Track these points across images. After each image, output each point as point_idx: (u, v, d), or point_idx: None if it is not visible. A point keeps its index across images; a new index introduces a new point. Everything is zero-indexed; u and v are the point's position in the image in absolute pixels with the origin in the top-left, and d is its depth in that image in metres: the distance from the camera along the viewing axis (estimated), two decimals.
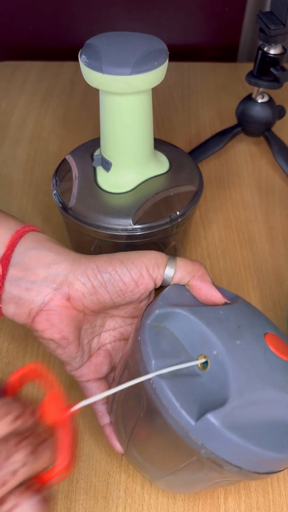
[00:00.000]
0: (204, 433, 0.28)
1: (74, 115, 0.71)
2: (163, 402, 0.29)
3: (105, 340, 0.38)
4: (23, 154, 0.65)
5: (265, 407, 0.30)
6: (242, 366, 0.30)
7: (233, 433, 0.28)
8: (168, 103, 0.73)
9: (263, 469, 0.31)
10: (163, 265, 0.34)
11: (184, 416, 0.28)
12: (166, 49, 0.39)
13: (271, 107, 0.59)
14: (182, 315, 0.32)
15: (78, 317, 0.34)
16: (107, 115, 0.41)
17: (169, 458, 0.32)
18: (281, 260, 0.54)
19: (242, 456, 0.29)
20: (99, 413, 0.38)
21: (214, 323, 0.32)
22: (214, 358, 0.30)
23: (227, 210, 0.59)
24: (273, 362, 0.32)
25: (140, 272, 0.33)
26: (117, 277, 0.33)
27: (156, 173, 0.45)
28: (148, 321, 0.32)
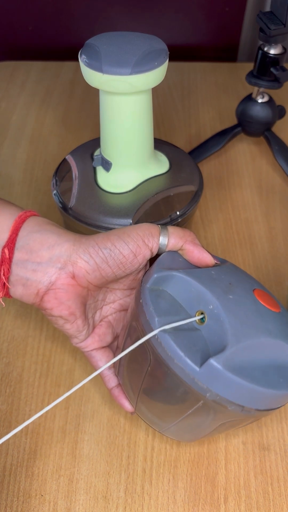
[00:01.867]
0: (208, 377, 0.31)
1: (74, 115, 0.70)
2: (169, 354, 0.32)
3: (107, 312, 0.41)
4: (23, 154, 0.65)
5: (260, 351, 0.33)
6: (237, 316, 0.33)
7: (234, 374, 0.31)
8: (168, 103, 0.73)
9: (263, 406, 0.33)
10: (157, 234, 0.37)
11: (189, 363, 0.31)
12: (166, 49, 0.39)
13: (271, 107, 0.59)
14: (178, 277, 0.35)
15: (83, 293, 0.37)
16: (107, 115, 0.41)
17: (176, 407, 0.35)
18: (281, 260, 0.54)
19: (243, 395, 0.32)
20: (106, 377, 0.40)
21: (208, 282, 0.34)
22: (211, 312, 0.33)
23: (227, 210, 0.59)
24: (263, 313, 0.34)
25: (137, 244, 0.36)
26: (116, 251, 0.36)
27: (156, 173, 0.45)
28: (148, 285, 0.35)
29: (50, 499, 0.38)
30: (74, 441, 0.41)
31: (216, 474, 0.39)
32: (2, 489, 0.38)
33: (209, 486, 0.39)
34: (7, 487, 0.38)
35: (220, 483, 0.39)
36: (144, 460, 0.40)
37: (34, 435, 0.41)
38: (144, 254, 0.36)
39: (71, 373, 0.45)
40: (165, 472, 0.39)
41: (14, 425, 0.41)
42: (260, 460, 0.40)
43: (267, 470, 0.39)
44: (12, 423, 0.41)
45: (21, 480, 0.39)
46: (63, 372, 0.45)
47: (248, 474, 0.39)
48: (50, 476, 0.39)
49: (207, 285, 0.34)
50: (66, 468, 0.39)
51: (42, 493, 0.38)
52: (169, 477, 0.39)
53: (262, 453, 0.40)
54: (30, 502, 0.38)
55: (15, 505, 0.37)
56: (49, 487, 0.38)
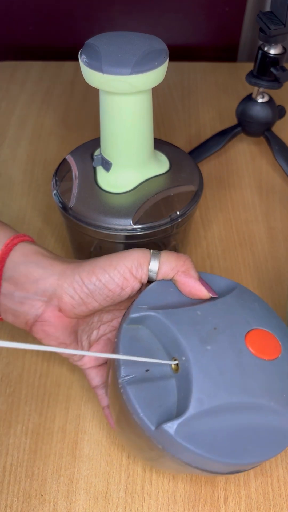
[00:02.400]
0: (163, 440, 0.30)
1: (74, 115, 0.70)
2: (128, 408, 0.30)
3: (105, 331, 0.40)
4: (23, 154, 0.65)
5: (230, 414, 0.30)
6: (207, 374, 0.30)
7: (188, 443, 0.29)
8: (168, 103, 0.73)
9: (226, 470, 0.32)
10: (146, 263, 0.34)
11: (145, 422, 0.30)
12: (166, 49, 0.39)
13: (271, 107, 0.59)
14: (156, 318, 0.32)
15: (72, 323, 0.36)
16: (107, 115, 0.41)
17: (144, 451, 0.34)
18: (281, 260, 0.54)
19: (200, 461, 0.30)
20: (99, 396, 0.40)
21: (187, 327, 0.32)
22: (182, 364, 0.31)
23: (227, 210, 0.59)
24: (246, 365, 0.31)
25: (123, 276, 0.34)
26: (101, 286, 0.34)
27: (156, 173, 0.45)
28: (124, 324, 0.33)
29: (50, 499, 0.38)
30: (74, 441, 0.41)
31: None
32: (2, 489, 0.38)
33: (209, 486, 0.39)
34: (7, 487, 0.38)
35: (220, 483, 0.39)
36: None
37: (34, 435, 0.41)
38: (133, 286, 0.34)
39: (71, 373, 0.45)
40: (165, 472, 0.39)
41: (14, 425, 0.41)
42: None
43: (267, 470, 0.39)
44: (12, 423, 0.41)
45: (21, 480, 0.39)
46: (63, 372, 0.45)
47: (248, 474, 0.39)
48: (50, 476, 0.39)
49: (184, 332, 0.31)
50: (66, 468, 0.39)
51: (42, 493, 0.38)
52: (169, 477, 0.39)
53: None
54: (30, 502, 0.38)
55: (15, 505, 0.37)
56: (49, 487, 0.38)
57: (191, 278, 0.34)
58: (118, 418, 0.34)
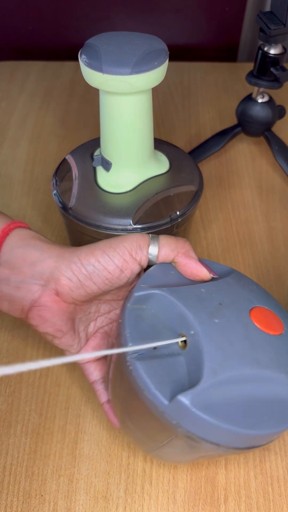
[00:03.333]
0: (177, 413, 0.29)
1: (74, 115, 0.70)
2: (139, 384, 0.29)
3: (102, 323, 0.39)
4: (23, 154, 0.65)
5: (243, 385, 0.30)
6: (218, 345, 0.30)
7: (205, 413, 0.28)
8: (168, 103, 0.73)
9: (242, 444, 0.31)
10: (145, 246, 0.34)
11: (158, 396, 0.29)
12: (166, 49, 0.39)
13: (271, 107, 0.59)
14: (161, 296, 0.32)
15: (69, 309, 0.35)
16: (107, 115, 0.41)
17: (153, 434, 0.33)
18: (281, 260, 0.54)
19: (217, 434, 0.29)
20: (98, 392, 0.39)
21: (193, 303, 0.32)
22: (192, 338, 0.30)
23: (227, 210, 0.59)
24: (254, 338, 0.31)
25: (123, 258, 0.34)
26: (101, 267, 0.33)
27: (156, 173, 0.45)
28: (129, 304, 0.32)
29: (50, 499, 0.38)
30: (74, 441, 0.41)
31: (216, 474, 0.39)
32: (2, 489, 0.38)
33: (209, 486, 0.39)
34: (7, 487, 0.38)
35: (220, 483, 0.39)
36: (144, 460, 0.40)
37: (34, 435, 0.41)
38: (132, 269, 0.34)
39: (71, 373, 0.45)
40: (165, 472, 0.39)
41: (14, 425, 0.41)
42: (260, 460, 0.40)
43: (267, 470, 0.39)
44: (12, 423, 0.41)
45: (21, 480, 0.39)
46: (63, 372, 0.45)
47: (248, 474, 0.39)
48: (50, 476, 0.39)
49: (191, 307, 0.31)
50: (66, 468, 0.39)
51: (42, 493, 0.38)
52: (169, 477, 0.39)
53: (262, 453, 0.40)
54: (30, 502, 0.38)
55: (15, 505, 0.37)
56: (49, 487, 0.38)
57: (191, 259, 0.34)
58: (123, 405, 0.33)
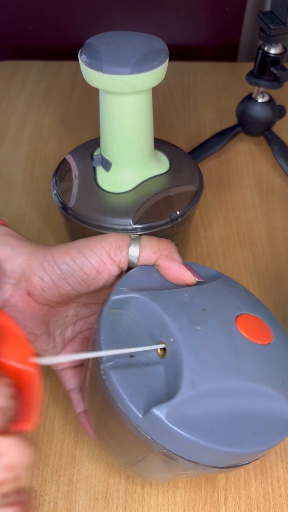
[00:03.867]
0: (152, 428, 0.27)
1: (74, 115, 0.70)
2: (112, 394, 0.28)
3: (81, 328, 0.37)
4: (23, 154, 0.65)
5: (224, 398, 0.28)
6: (199, 354, 0.28)
7: (181, 428, 0.26)
8: (168, 102, 0.73)
9: (222, 463, 0.29)
10: (125, 246, 0.32)
11: (131, 409, 0.27)
12: (166, 48, 0.39)
13: (271, 107, 0.59)
14: (140, 300, 0.30)
15: (42, 311, 0.33)
16: (107, 115, 0.41)
17: (129, 449, 0.31)
18: (282, 260, 0.54)
19: (195, 451, 0.28)
20: (75, 401, 0.37)
21: (174, 308, 0.30)
22: (171, 346, 0.29)
23: (227, 210, 0.59)
24: (239, 348, 0.29)
25: (100, 258, 0.31)
26: (76, 267, 0.31)
27: (156, 173, 0.45)
28: (105, 308, 0.30)
29: (50, 500, 0.38)
30: (74, 441, 0.41)
31: (216, 474, 0.39)
32: None
33: (209, 487, 0.39)
34: None
35: (220, 484, 0.39)
36: None
37: (34, 435, 0.41)
38: (110, 270, 0.32)
39: None
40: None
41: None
42: (260, 460, 0.40)
43: (267, 470, 0.39)
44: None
45: (21, 480, 0.39)
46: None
47: (248, 474, 0.39)
48: (50, 476, 0.39)
49: (172, 313, 0.29)
50: (66, 468, 0.39)
51: (42, 493, 0.38)
52: None
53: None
54: (30, 502, 0.38)
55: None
56: (49, 487, 0.38)
57: (174, 261, 0.32)
58: (99, 416, 0.32)
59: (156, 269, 0.33)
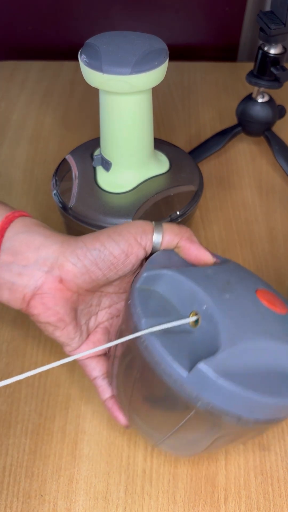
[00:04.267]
0: (198, 384, 0.28)
1: (74, 115, 0.70)
2: (156, 358, 0.29)
3: (103, 318, 0.39)
4: (23, 154, 0.65)
5: (259, 355, 0.30)
6: (232, 317, 0.30)
7: (227, 380, 0.28)
8: (168, 102, 0.73)
9: (262, 416, 0.30)
10: (150, 231, 0.35)
11: (176, 368, 0.29)
12: (166, 48, 0.39)
13: (271, 107, 0.58)
14: (170, 276, 0.32)
15: (72, 298, 0.35)
16: (107, 115, 0.41)
17: (168, 417, 0.33)
18: (282, 260, 0.54)
19: (239, 404, 0.29)
20: (100, 388, 0.38)
21: (203, 280, 0.32)
22: (204, 313, 0.31)
23: (227, 210, 0.59)
24: (265, 314, 0.32)
25: (128, 243, 0.34)
26: (106, 252, 0.33)
27: (156, 173, 0.45)
28: (137, 285, 0.32)
29: (50, 500, 0.38)
30: (74, 441, 0.41)
31: (216, 474, 0.39)
32: (2, 490, 0.38)
33: (209, 487, 0.39)
34: (6, 488, 0.38)
35: (220, 484, 0.39)
36: (144, 460, 0.40)
37: (34, 435, 0.41)
38: (137, 254, 0.34)
39: (71, 373, 0.45)
40: (165, 473, 0.39)
41: (14, 425, 0.41)
42: (260, 460, 0.40)
43: (267, 471, 0.39)
44: (12, 423, 0.41)
45: (21, 480, 0.39)
46: (63, 372, 0.45)
47: (248, 474, 0.39)
48: (50, 477, 0.39)
49: (201, 284, 0.32)
50: (66, 468, 0.39)
51: (42, 494, 0.38)
52: (169, 478, 0.39)
53: (262, 454, 0.40)
54: (30, 502, 0.38)
55: (14, 506, 0.37)
56: (49, 487, 0.38)
57: (195, 243, 0.35)
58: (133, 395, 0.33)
59: (177, 252, 0.35)
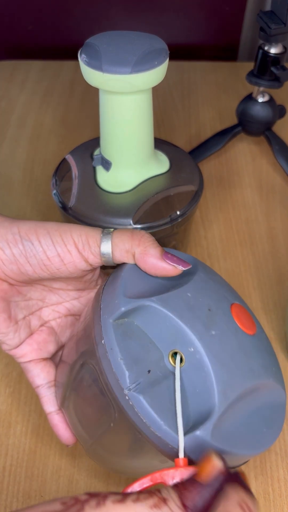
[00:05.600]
0: (193, 449, 0.26)
1: (74, 115, 0.70)
2: (144, 420, 0.26)
3: (48, 316, 0.35)
4: (23, 154, 0.65)
5: (243, 401, 0.28)
6: (222, 362, 0.27)
7: (225, 445, 0.26)
8: (168, 102, 0.73)
9: (238, 464, 0.30)
10: (95, 242, 0.30)
11: (169, 433, 0.26)
12: (166, 48, 0.39)
13: (271, 107, 0.58)
14: (151, 308, 0.28)
15: (1, 286, 0.31)
16: (107, 114, 0.41)
17: (141, 466, 0.31)
18: (282, 260, 0.54)
19: (232, 462, 0.28)
20: (44, 398, 0.34)
21: (186, 313, 0.28)
22: (191, 355, 0.27)
23: (228, 210, 0.59)
24: (244, 344, 0.29)
25: (67, 248, 0.29)
26: (39, 249, 0.29)
27: (156, 173, 0.45)
28: (111, 320, 0.28)
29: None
30: None
31: None
32: (2, 490, 0.38)
33: None
34: (6, 488, 0.38)
35: None
36: None
37: (33, 435, 0.41)
38: (76, 264, 0.30)
39: None
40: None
41: (14, 425, 0.41)
42: (260, 461, 0.40)
43: (267, 471, 0.39)
44: (11, 423, 0.41)
45: (21, 480, 0.39)
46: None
47: (248, 475, 0.39)
48: (50, 477, 0.39)
49: (186, 319, 0.28)
50: (66, 468, 0.39)
51: (42, 494, 0.38)
52: None
53: (262, 454, 0.40)
54: (30, 503, 0.38)
55: (14, 506, 0.37)
56: (49, 487, 0.38)
57: (150, 257, 0.29)
58: (106, 435, 0.30)
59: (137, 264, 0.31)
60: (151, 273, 0.30)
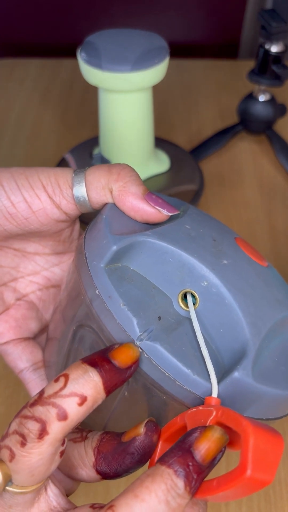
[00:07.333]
0: (228, 397, 0.21)
1: (73, 113, 0.70)
2: (167, 374, 0.21)
3: (26, 288, 0.29)
4: (22, 152, 0.64)
5: (275, 335, 0.24)
6: (243, 292, 0.23)
7: (268, 384, 0.22)
8: (169, 101, 0.72)
9: (284, 413, 0.25)
10: (66, 183, 0.25)
11: (200, 383, 0.21)
12: (167, 46, 0.39)
13: (272, 105, 0.58)
14: (147, 244, 0.23)
15: None
16: (107, 113, 0.41)
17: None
18: (283, 259, 0.53)
19: (275, 406, 0.23)
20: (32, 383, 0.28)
21: (190, 244, 0.24)
22: (206, 291, 0.23)
23: (228, 209, 0.58)
24: (262, 275, 0.25)
25: (34, 192, 0.24)
26: (2, 194, 0.24)
27: (157, 172, 0.45)
28: (102, 264, 0.23)
29: None
30: None
31: (216, 475, 0.39)
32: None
33: None
34: None
35: None
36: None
37: None
38: (47, 211, 0.25)
39: None
40: None
41: None
42: None
43: None
44: None
45: None
46: None
47: None
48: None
49: (191, 250, 0.23)
50: None
51: None
52: None
53: None
54: None
55: None
56: None
57: (130, 196, 0.24)
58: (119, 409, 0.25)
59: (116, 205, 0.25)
60: (131, 215, 0.25)
